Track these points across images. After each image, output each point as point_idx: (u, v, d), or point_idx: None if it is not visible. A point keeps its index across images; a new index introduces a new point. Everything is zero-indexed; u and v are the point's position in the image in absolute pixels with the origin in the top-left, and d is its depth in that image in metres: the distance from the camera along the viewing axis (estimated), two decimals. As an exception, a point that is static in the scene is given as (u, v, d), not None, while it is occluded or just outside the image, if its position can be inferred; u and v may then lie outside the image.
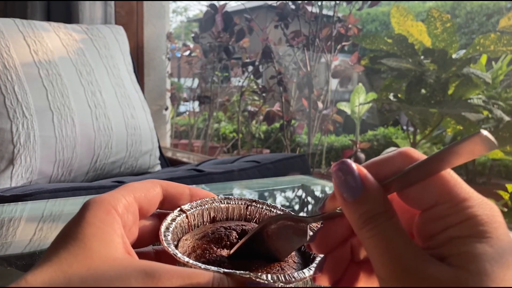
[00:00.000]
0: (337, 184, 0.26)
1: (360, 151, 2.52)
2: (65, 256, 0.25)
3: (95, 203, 0.29)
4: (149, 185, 0.33)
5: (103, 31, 1.38)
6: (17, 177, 1.05)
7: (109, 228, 0.27)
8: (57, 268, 0.24)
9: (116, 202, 0.29)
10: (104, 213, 0.28)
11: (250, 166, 1.12)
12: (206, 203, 0.36)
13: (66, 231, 0.27)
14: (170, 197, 0.34)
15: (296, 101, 2.36)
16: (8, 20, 1.17)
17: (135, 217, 0.31)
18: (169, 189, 0.34)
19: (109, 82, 1.29)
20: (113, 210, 0.29)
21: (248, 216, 0.37)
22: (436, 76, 1.85)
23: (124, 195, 0.30)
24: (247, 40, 2.40)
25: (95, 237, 0.26)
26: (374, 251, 0.25)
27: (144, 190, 0.32)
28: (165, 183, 0.34)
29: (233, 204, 0.37)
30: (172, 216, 0.34)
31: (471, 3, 4.14)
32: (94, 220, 0.27)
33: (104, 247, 0.26)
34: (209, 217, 0.36)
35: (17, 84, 1.09)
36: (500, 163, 2.44)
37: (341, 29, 1.99)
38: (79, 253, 0.25)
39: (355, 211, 0.26)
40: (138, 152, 1.31)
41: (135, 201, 0.31)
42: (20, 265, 0.56)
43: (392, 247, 0.24)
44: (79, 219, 0.27)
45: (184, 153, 2.11)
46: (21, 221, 0.75)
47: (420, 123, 1.91)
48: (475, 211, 0.24)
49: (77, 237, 0.26)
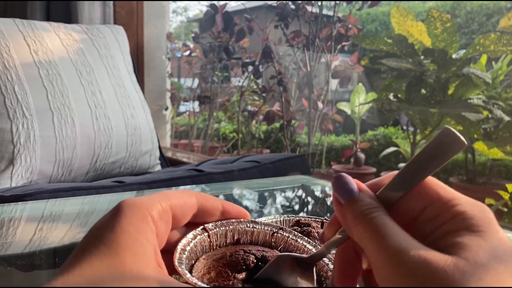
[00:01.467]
0: (335, 189, 0.29)
1: (360, 151, 2.52)
2: (97, 265, 0.24)
3: (131, 206, 0.28)
4: (185, 195, 0.32)
5: (103, 31, 1.38)
6: (17, 177, 1.05)
7: (143, 238, 0.26)
8: (88, 279, 0.23)
9: (152, 208, 0.28)
10: (140, 220, 0.27)
11: (250, 166, 1.12)
12: (231, 224, 0.35)
13: (99, 234, 0.26)
14: (203, 210, 0.33)
15: (296, 101, 2.36)
16: (8, 20, 1.17)
17: (168, 226, 0.30)
18: (204, 203, 0.33)
19: (109, 82, 1.29)
20: (149, 217, 0.28)
21: (273, 243, 0.36)
22: (436, 76, 1.85)
23: (161, 202, 0.29)
24: (247, 40, 2.40)
25: (129, 249, 0.25)
26: (370, 244, 0.25)
27: (180, 199, 0.31)
28: (201, 195, 0.33)
29: (259, 228, 0.36)
30: (194, 233, 0.33)
31: (471, 3, 4.14)
32: (129, 228, 0.26)
33: (136, 262, 0.25)
34: (233, 239, 0.35)
35: (17, 84, 1.09)
36: (500, 163, 2.44)
37: (341, 29, 2.00)
38: (111, 265, 0.24)
39: (351, 210, 0.27)
40: (138, 152, 1.31)
41: (170, 209, 0.30)
42: (20, 265, 0.56)
43: (388, 236, 0.25)
44: (113, 223, 0.26)
45: (184, 153, 2.11)
46: (21, 221, 0.75)
47: (420, 123, 1.91)
48: (464, 207, 0.25)
49: (110, 245, 0.25)
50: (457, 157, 2.85)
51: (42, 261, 0.58)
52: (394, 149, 2.85)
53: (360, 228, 0.26)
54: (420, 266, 0.23)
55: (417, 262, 0.23)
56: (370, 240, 0.25)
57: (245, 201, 0.94)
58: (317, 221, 0.45)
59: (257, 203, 0.92)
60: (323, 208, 0.90)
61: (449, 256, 0.23)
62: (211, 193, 0.97)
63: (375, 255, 0.25)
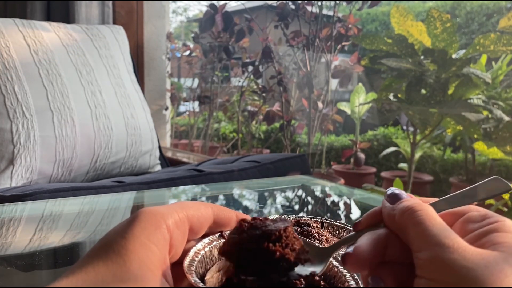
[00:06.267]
0: (387, 197, 0.32)
1: (360, 151, 2.52)
2: (102, 271, 0.24)
3: (147, 214, 0.28)
4: (202, 206, 0.32)
5: (103, 31, 1.38)
6: (17, 177, 1.05)
7: (153, 246, 0.26)
8: (90, 283, 0.24)
9: (168, 217, 0.28)
10: (153, 227, 0.27)
11: (250, 166, 1.12)
12: None
13: (110, 239, 0.26)
14: (219, 222, 0.33)
15: (296, 101, 2.36)
16: (8, 20, 1.17)
17: (184, 236, 0.30)
18: (219, 214, 0.33)
19: (109, 82, 1.29)
20: (164, 226, 0.28)
21: None
22: (436, 76, 1.85)
23: (178, 212, 0.29)
24: (247, 40, 2.40)
25: (136, 257, 0.25)
26: (415, 229, 0.28)
27: (197, 210, 0.31)
28: (216, 207, 0.33)
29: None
30: (210, 238, 0.32)
31: (471, 3, 4.14)
32: (141, 235, 0.26)
33: (142, 271, 0.25)
34: None
35: (17, 84, 1.09)
36: (500, 163, 2.44)
37: (341, 29, 2.00)
38: (116, 272, 0.24)
39: (402, 205, 0.30)
40: (138, 152, 1.31)
41: (188, 220, 0.30)
42: (20, 265, 0.56)
43: (433, 226, 0.27)
44: (126, 229, 0.27)
45: (184, 153, 2.11)
46: (21, 221, 0.75)
47: (420, 123, 1.91)
48: (497, 218, 0.29)
49: (119, 252, 0.25)
50: (457, 157, 2.85)
51: (42, 261, 0.58)
52: (394, 149, 2.85)
53: (407, 216, 0.29)
54: (460, 251, 0.25)
55: (458, 248, 0.25)
56: (415, 226, 0.28)
57: (245, 201, 0.94)
58: (317, 221, 0.45)
59: (257, 203, 0.92)
60: (323, 208, 0.90)
61: (498, 253, 0.25)
62: (211, 193, 0.97)
63: (418, 241, 0.27)
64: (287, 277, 0.30)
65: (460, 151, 2.86)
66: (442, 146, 2.91)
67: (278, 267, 0.29)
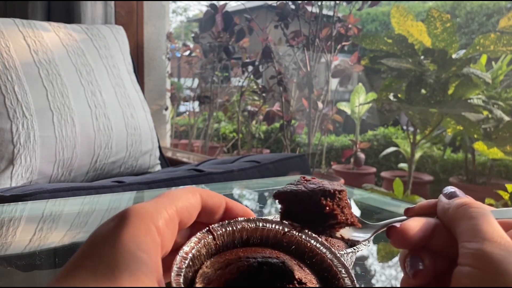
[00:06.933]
0: (444, 194, 0.32)
1: (360, 151, 2.52)
2: (92, 285, 0.23)
3: (135, 216, 0.26)
4: (190, 195, 0.31)
5: (103, 31, 1.38)
6: (17, 177, 1.05)
7: (145, 256, 0.25)
8: None
9: (157, 217, 0.27)
10: (143, 233, 0.26)
11: (250, 166, 1.12)
12: (239, 223, 0.32)
13: (99, 247, 0.25)
14: (207, 208, 0.32)
15: (296, 101, 2.36)
16: (8, 20, 1.17)
17: (174, 232, 0.29)
18: (208, 200, 0.32)
19: (109, 82, 1.29)
20: (154, 228, 0.26)
21: (284, 243, 0.34)
22: (436, 76, 1.85)
23: (167, 209, 0.28)
24: (247, 40, 2.40)
25: (128, 271, 0.24)
26: (468, 223, 0.28)
27: (186, 201, 0.30)
28: (205, 192, 0.32)
29: (270, 227, 0.33)
30: (198, 237, 0.31)
31: (471, 3, 4.14)
32: (131, 245, 0.25)
33: (134, 283, 0.24)
34: (241, 239, 0.33)
35: (17, 84, 1.09)
36: (500, 163, 2.44)
37: (341, 29, 1.99)
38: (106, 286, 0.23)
39: (459, 201, 0.30)
40: (138, 152, 1.31)
41: (177, 215, 0.29)
42: (20, 265, 0.56)
43: (487, 222, 0.27)
44: (114, 237, 0.25)
45: (184, 153, 2.11)
46: (21, 221, 0.75)
47: (420, 123, 1.91)
48: None
49: (109, 264, 0.24)
50: (457, 157, 2.85)
51: (42, 261, 0.58)
52: (394, 149, 2.85)
53: (462, 211, 0.29)
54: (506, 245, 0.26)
55: (509, 247, 0.26)
56: (469, 220, 0.28)
57: (245, 201, 0.94)
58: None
59: (257, 203, 0.92)
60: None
61: None
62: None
63: (469, 233, 0.27)
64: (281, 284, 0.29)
65: (460, 151, 2.86)
66: (442, 146, 2.91)
67: (325, 222, 0.30)
